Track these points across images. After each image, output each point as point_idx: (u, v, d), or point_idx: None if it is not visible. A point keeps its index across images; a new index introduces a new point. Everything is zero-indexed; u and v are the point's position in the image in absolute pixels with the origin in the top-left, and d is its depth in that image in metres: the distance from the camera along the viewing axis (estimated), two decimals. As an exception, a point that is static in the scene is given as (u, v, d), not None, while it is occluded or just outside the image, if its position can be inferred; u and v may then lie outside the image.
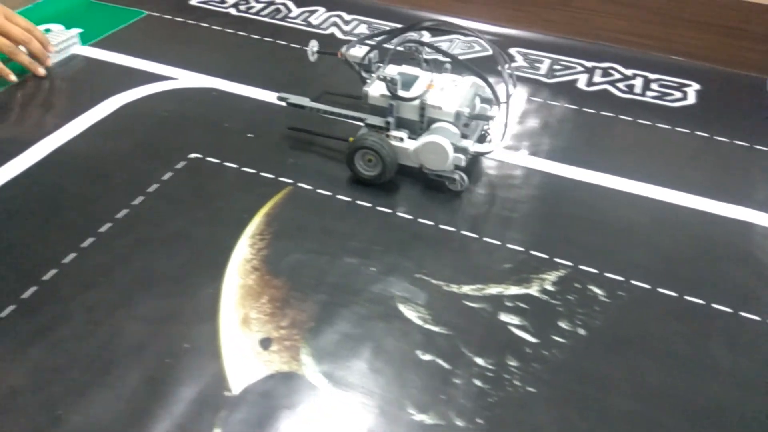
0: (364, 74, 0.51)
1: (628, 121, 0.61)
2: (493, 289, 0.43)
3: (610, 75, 0.68)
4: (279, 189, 0.50)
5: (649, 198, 0.51)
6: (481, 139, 0.54)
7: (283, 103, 0.55)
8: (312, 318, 0.40)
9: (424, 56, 0.52)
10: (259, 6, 0.78)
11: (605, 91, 0.65)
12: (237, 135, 0.56)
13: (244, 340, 0.39)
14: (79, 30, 0.68)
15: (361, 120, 0.51)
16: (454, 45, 0.72)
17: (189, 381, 0.36)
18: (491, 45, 0.52)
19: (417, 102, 0.48)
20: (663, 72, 0.69)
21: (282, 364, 0.37)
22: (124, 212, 0.47)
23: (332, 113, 0.53)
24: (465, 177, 0.50)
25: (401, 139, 0.49)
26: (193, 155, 0.53)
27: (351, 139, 0.50)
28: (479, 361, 0.38)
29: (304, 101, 0.54)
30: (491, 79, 0.50)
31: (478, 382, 0.37)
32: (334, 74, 0.62)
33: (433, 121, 0.49)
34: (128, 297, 0.40)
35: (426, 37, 0.72)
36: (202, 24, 0.73)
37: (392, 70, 0.50)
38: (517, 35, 0.74)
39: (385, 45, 0.52)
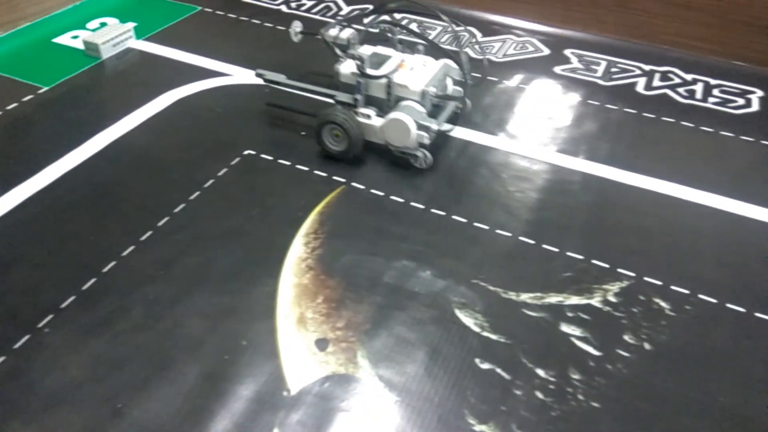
0: (339, 54, 0.53)
1: (690, 127, 0.59)
2: (553, 299, 0.41)
3: (670, 79, 0.66)
4: (332, 188, 0.50)
5: (714, 208, 0.49)
6: (455, 119, 0.56)
7: (261, 80, 0.56)
8: (368, 320, 0.40)
9: (399, 37, 0.55)
10: (309, 3, 0.78)
11: (665, 95, 0.63)
12: (290, 132, 0.56)
13: (300, 339, 0.38)
14: (134, 24, 0.69)
15: (331, 97, 0.52)
16: (507, 45, 0.70)
17: (247, 379, 0.36)
18: (451, 23, 0.53)
19: (384, 80, 0.50)
20: (725, 78, 0.66)
21: (338, 366, 0.37)
22: (181, 207, 0.47)
23: (305, 89, 0.55)
24: (428, 155, 0.51)
25: (369, 116, 0.51)
26: (247, 152, 0.53)
27: None
28: (540, 372, 0.37)
29: (280, 78, 0.56)
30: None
31: (540, 395, 0.36)
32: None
33: (401, 99, 0.51)
34: (186, 292, 0.40)
35: (469, 31, 0.71)
36: (254, 20, 0.73)
37: (366, 50, 0.52)
38: (571, 36, 0.72)
39: (357, 26, 0.54)
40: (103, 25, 0.70)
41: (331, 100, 0.53)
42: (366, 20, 0.53)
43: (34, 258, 0.42)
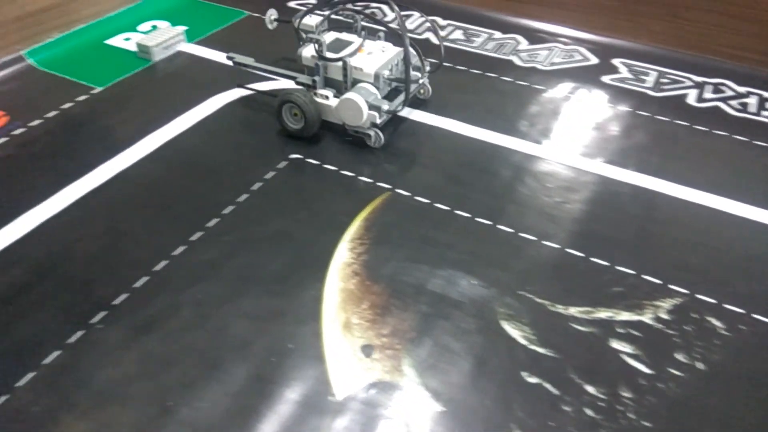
0: (301, 38, 0.56)
1: (743, 141, 0.57)
2: (603, 314, 0.41)
3: (722, 92, 0.64)
4: (377, 194, 0.50)
5: (771, 226, 0.48)
6: (414, 102, 0.60)
7: (231, 62, 0.60)
8: (413, 328, 0.39)
9: (361, 24, 0.58)
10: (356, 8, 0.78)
11: (717, 108, 0.62)
12: (336, 137, 0.56)
13: (346, 345, 0.38)
14: (185, 27, 0.70)
15: (293, 78, 0.56)
16: (553, 54, 0.69)
17: (294, 382, 0.36)
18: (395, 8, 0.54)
19: (340, 63, 0.53)
20: (780, 91, 0.64)
21: (384, 373, 0.37)
22: (230, 208, 0.47)
23: (270, 71, 0.58)
24: (381, 134, 0.53)
25: (326, 97, 0.54)
26: (294, 155, 0.53)
27: None
28: (590, 389, 0.36)
29: (249, 61, 0.60)
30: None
31: (589, 412, 0.35)
32: (432, 76, 0.61)
33: (357, 81, 0.54)
34: (235, 293, 0.41)
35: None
36: (300, 25, 0.74)
37: (329, 36, 0.56)
38: (619, 45, 0.71)
39: (318, 12, 0.58)
40: (154, 28, 0.71)
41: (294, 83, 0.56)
42: (328, 9, 0.57)
43: (88, 255, 0.43)
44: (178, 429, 0.33)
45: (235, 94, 0.61)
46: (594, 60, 0.69)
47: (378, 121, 0.53)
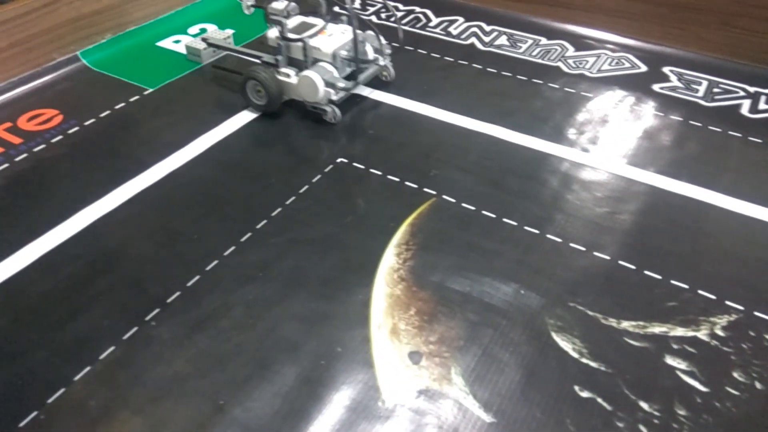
0: (268, 21, 0.58)
1: (801, 154, 0.56)
2: (657, 329, 0.40)
3: (778, 102, 0.62)
4: (423, 200, 0.50)
5: (832, 243, 0.46)
6: (377, 82, 0.63)
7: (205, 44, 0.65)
8: (461, 336, 0.39)
9: (324, 9, 0.60)
10: (399, 14, 0.78)
11: (772, 119, 0.60)
12: (381, 142, 0.56)
13: (394, 351, 0.38)
14: (233, 31, 0.71)
15: (258, 58, 0.60)
16: (601, 61, 0.68)
17: (343, 386, 0.36)
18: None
19: (300, 44, 0.56)
20: (840, 102, 0.62)
21: (432, 381, 0.37)
22: (277, 210, 0.48)
23: (241, 52, 0.63)
24: (337, 111, 0.57)
25: (288, 75, 0.57)
26: (340, 160, 0.54)
27: None
28: (644, 405, 0.35)
29: (222, 43, 0.65)
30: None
31: (643, 429, 0.34)
32: (478, 82, 0.61)
33: (318, 61, 0.57)
34: (284, 294, 0.41)
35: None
36: (345, 30, 0.74)
37: (297, 20, 0.59)
38: (669, 53, 0.70)
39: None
40: (203, 30, 0.73)
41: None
42: None
43: (142, 253, 0.44)
44: (230, 428, 0.34)
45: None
46: (643, 68, 0.67)
47: (334, 97, 0.57)
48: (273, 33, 0.57)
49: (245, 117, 0.58)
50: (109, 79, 0.64)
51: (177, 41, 0.70)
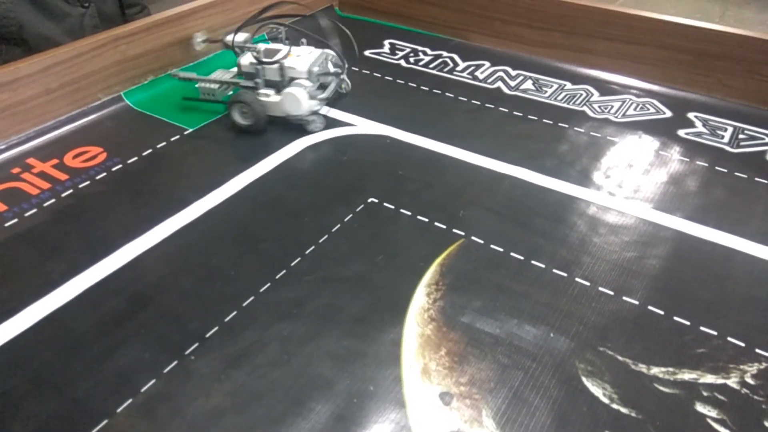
0: (238, 52, 0.66)
1: (829, 201, 0.56)
2: (687, 375, 0.40)
3: (804, 149, 0.63)
4: (452, 240, 0.51)
5: None
6: (338, 95, 0.71)
7: (176, 78, 0.69)
8: (491, 378, 0.40)
9: (284, 35, 0.70)
10: (427, 59, 0.81)
11: (799, 166, 0.60)
12: (410, 183, 0.58)
13: (425, 391, 0.39)
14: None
15: (236, 84, 0.66)
16: (626, 106, 0.70)
17: (376, 426, 0.37)
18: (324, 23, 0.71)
19: (276, 65, 0.63)
20: None
21: (464, 423, 0.37)
22: (311, 249, 0.49)
23: (215, 82, 0.68)
24: (321, 119, 0.65)
25: (268, 95, 0.64)
26: (371, 200, 0.55)
27: None
28: (676, 452, 0.35)
29: (192, 75, 0.69)
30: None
31: (676, 476, 0.34)
32: (505, 125, 0.62)
33: (293, 79, 0.64)
34: (317, 332, 0.42)
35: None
36: (375, 74, 0.77)
37: (261, 47, 0.65)
38: (694, 99, 0.71)
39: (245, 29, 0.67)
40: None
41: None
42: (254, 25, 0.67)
43: (181, 288, 0.46)
44: (266, 464, 0.34)
45: (316, 138, 0.64)
46: (668, 113, 0.69)
47: (317, 107, 0.65)
48: (247, 59, 0.65)
49: (280, 156, 0.61)
50: (150, 119, 0.67)
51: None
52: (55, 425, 0.37)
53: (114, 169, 0.59)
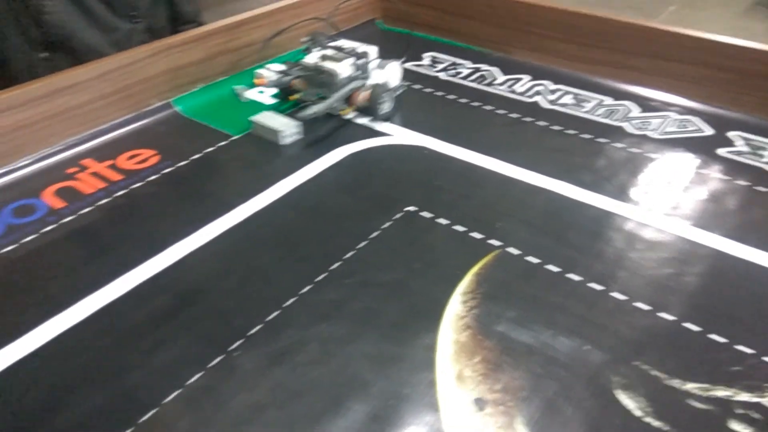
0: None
1: None
2: (721, 392, 0.40)
3: None
4: (488, 251, 0.52)
5: None
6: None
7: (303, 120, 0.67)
8: (525, 387, 0.40)
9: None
10: (467, 71, 0.82)
11: None
12: (447, 193, 0.59)
13: (459, 396, 0.40)
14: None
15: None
16: (666, 122, 0.70)
17: (411, 427, 0.38)
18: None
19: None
20: None
21: (497, 429, 0.38)
22: (350, 253, 0.51)
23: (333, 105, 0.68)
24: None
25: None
26: (408, 208, 0.56)
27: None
28: (710, 468, 0.35)
29: (319, 107, 0.66)
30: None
31: (710, 492, 0.34)
32: (542, 139, 0.63)
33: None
34: (355, 334, 0.44)
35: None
36: (415, 86, 0.79)
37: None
38: (736, 117, 0.70)
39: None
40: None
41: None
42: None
43: (226, 287, 0.48)
44: (304, 458, 0.36)
45: (356, 147, 0.65)
46: (709, 131, 0.68)
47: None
48: (345, 69, 0.67)
49: (321, 164, 0.62)
50: (198, 125, 0.70)
51: (261, 92, 0.76)
52: (106, 413, 0.39)
53: (164, 171, 0.62)
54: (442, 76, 0.81)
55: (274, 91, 0.75)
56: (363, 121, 0.69)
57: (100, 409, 0.39)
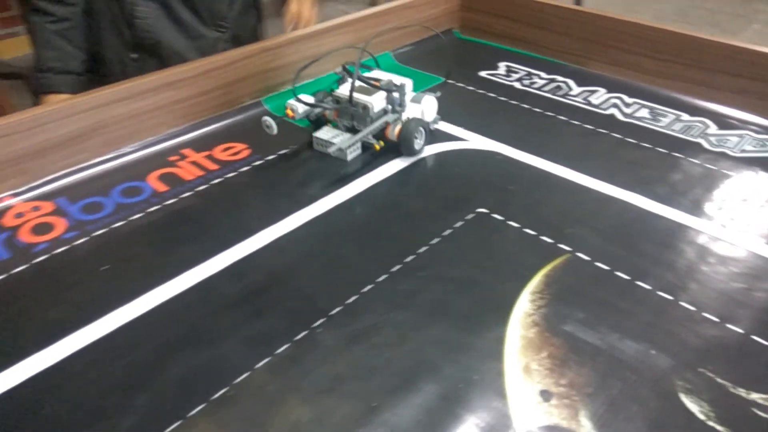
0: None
1: None
2: (790, 405, 0.40)
3: None
4: (558, 254, 0.54)
5: None
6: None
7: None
8: (590, 383, 0.42)
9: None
10: (541, 82, 0.84)
11: None
12: (519, 198, 0.61)
13: (525, 386, 0.42)
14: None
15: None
16: (744, 141, 0.69)
17: (478, 410, 0.40)
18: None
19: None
20: None
21: (561, 419, 0.40)
22: (423, 248, 0.54)
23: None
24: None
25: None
26: (480, 210, 0.59)
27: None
28: (773, 475, 0.36)
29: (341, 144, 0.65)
30: None
31: (772, 497, 0.35)
32: (617, 151, 0.64)
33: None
34: (427, 322, 0.47)
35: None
36: (490, 94, 0.81)
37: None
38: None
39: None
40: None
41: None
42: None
43: (310, 271, 0.52)
44: (380, 428, 0.39)
45: (431, 150, 0.69)
46: (790, 151, 0.67)
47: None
48: (379, 103, 0.65)
49: (398, 164, 0.66)
50: (285, 123, 0.74)
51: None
52: (203, 374, 0.43)
53: (255, 164, 0.67)
54: (516, 85, 0.83)
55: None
56: (437, 126, 0.73)
57: (199, 368, 0.44)
